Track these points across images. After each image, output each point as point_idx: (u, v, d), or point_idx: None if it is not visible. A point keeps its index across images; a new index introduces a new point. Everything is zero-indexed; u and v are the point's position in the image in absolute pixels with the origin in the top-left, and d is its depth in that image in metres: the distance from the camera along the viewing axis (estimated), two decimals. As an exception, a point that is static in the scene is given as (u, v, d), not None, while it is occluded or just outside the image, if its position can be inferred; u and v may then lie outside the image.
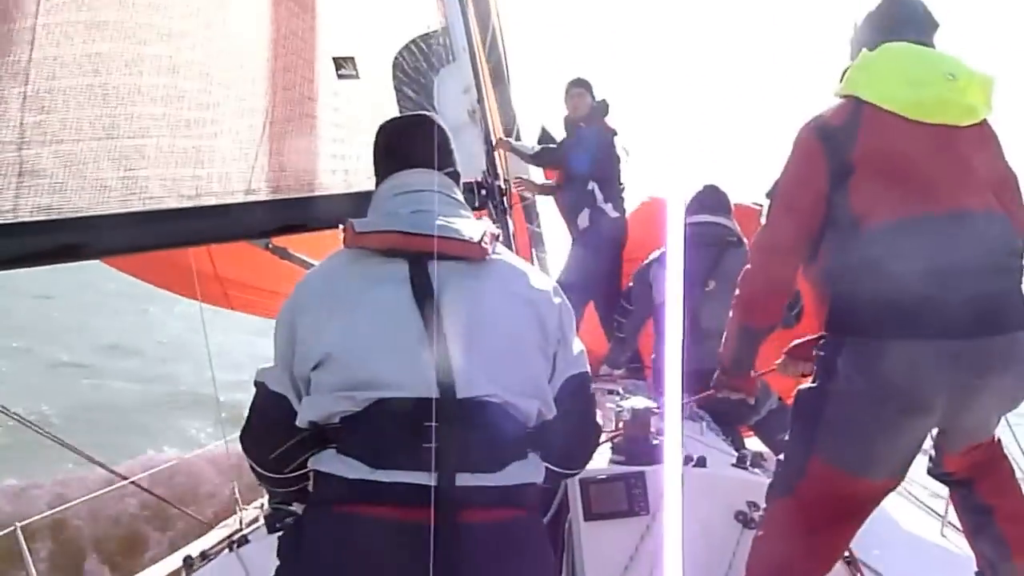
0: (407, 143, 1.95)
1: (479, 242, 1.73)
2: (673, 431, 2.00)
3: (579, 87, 5.75)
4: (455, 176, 1.98)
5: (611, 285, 5.52)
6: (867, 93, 2.24)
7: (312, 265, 3.49)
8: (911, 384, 2.10)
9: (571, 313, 1.87)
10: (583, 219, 5.62)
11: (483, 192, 3.89)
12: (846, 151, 2.20)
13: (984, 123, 2.32)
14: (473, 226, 1.78)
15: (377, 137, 2.03)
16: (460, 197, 1.93)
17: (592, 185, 5.56)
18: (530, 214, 6.71)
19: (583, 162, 5.62)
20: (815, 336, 2.40)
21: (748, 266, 2.46)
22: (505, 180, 4.26)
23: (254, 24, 3.03)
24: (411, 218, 1.76)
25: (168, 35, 2.69)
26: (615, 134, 5.71)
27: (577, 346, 1.86)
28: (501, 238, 3.71)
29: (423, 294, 1.64)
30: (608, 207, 5.59)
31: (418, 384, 1.58)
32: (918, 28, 2.37)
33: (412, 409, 1.56)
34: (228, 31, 2.92)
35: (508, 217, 4.07)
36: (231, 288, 5.18)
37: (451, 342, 1.60)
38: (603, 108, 5.72)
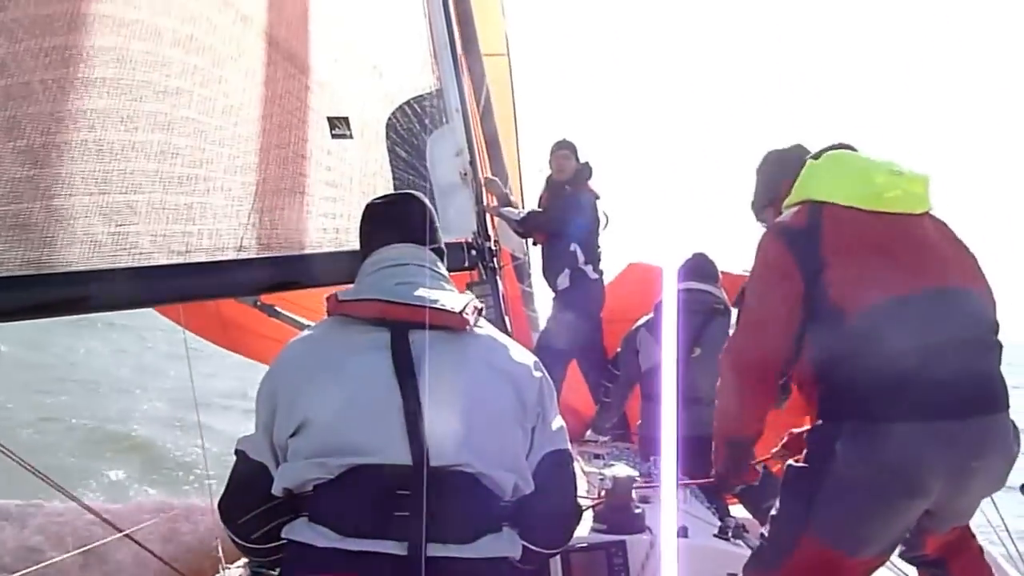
0: (393, 219, 2.02)
1: (460, 313, 1.75)
2: (668, 511, 1.98)
3: (564, 149, 5.86)
4: (439, 252, 2.03)
5: (592, 345, 5.57)
6: (822, 194, 2.34)
7: (299, 323, 3.49)
8: (911, 468, 2.10)
9: (552, 388, 1.87)
10: (563, 280, 5.70)
11: (473, 252, 3.91)
12: (814, 249, 2.26)
13: (931, 214, 2.40)
14: (456, 298, 1.82)
15: (365, 212, 2.11)
16: (444, 272, 1.97)
17: (574, 246, 5.65)
18: (521, 274, 6.74)
19: (566, 223, 5.70)
20: (812, 427, 2.41)
21: (721, 381, 2.49)
22: (496, 242, 4.28)
23: (250, 83, 3.08)
24: (395, 289, 1.79)
25: (164, 92, 2.73)
26: (597, 197, 5.82)
27: (557, 422, 1.85)
28: (491, 303, 3.76)
29: (403, 363, 1.65)
30: (588, 268, 5.68)
31: (392, 452, 1.58)
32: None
33: (385, 477, 1.57)
34: (224, 89, 2.96)
35: (498, 277, 4.08)
36: (228, 325, 5.05)
37: (428, 411, 1.60)
38: (587, 171, 5.84)
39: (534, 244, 6.00)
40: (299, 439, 1.65)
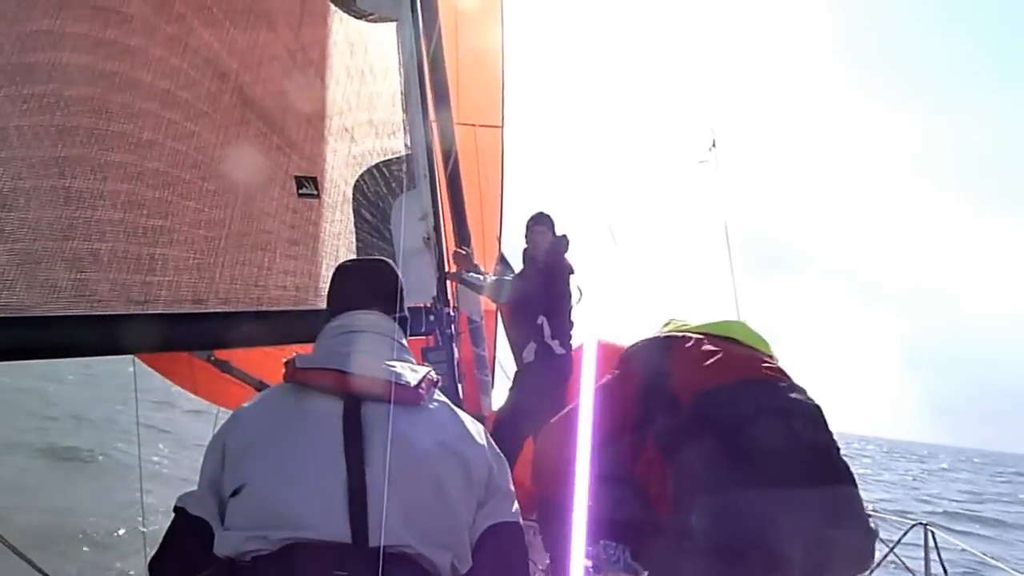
0: (364, 284, 2.01)
1: (416, 387, 1.76)
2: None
3: (540, 224, 5.87)
4: (403, 321, 2.01)
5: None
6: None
7: (253, 382, 3.52)
8: (767, 535, 2.16)
9: (504, 465, 1.87)
10: (529, 353, 5.64)
11: (431, 317, 3.99)
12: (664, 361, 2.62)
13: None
14: (413, 371, 1.81)
15: (336, 272, 2.09)
16: (404, 342, 1.97)
17: (542, 319, 5.61)
18: (476, 337, 6.80)
19: (535, 296, 5.68)
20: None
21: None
22: (455, 308, 4.38)
23: (221, 139, 3.17)
24: (352, 358, 1.78)
25: (137, 144, 2.81)
26: (572, 272, 5.83)
27: (506, 496, 1.84)
28: (445, 370, 3.83)
29: (353, 436, 1.65)
30: (555, 343, 5.61)
31: (332, 528, 1.57)
32: None
33: (323, 555, 1.55)
34: (196, 144, 3.05)
35: (454, 344, 4.16)
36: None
37: (373, 488, 1.59)
38: (563, 244, 5.84)
39: (502, 318, 6.00)
40: (239, 501, 1.64)
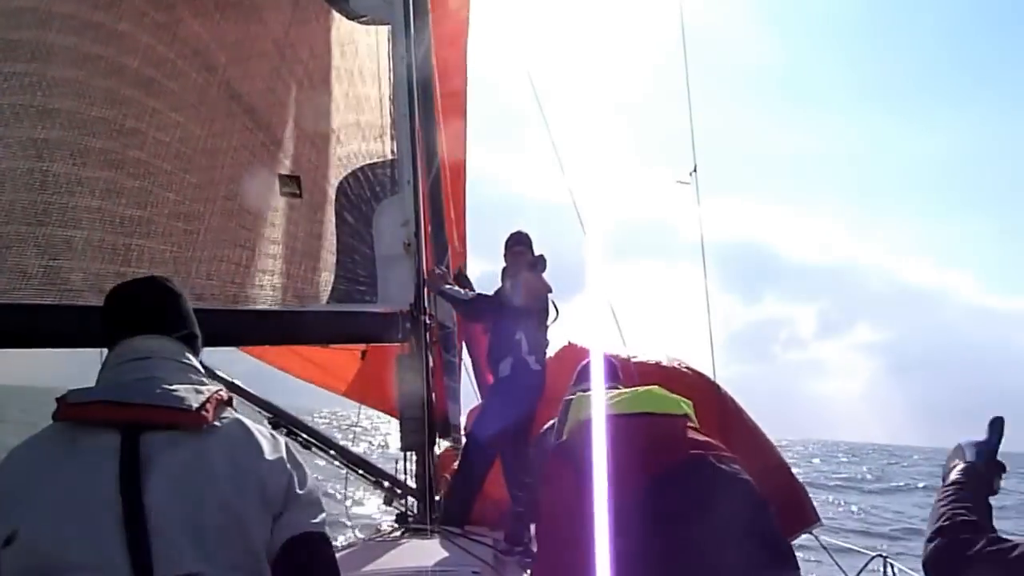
0: (137, 309, 1.84)
1: (198, 410, 1.65)
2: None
3: (518, 245, 5.94)
4: (189, 339, 1.86)
5: (522, 439, 5.51)
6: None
7: (225, 380, 3.46)
8: None
9: (304, 473, 1.74)
10: (505, 367, 5.65)
11: (408, 325, 3.95)
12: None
13: None
14: (197, 392, 1.69)
15: (106, 302, 1.89)
16: (193, 362, 1.82)
17: (520, 335, 5.65)
18: (447, 343, 6.76)
19: (514, 312, 5.72)
20: None
21: None
22: (431, 316, 4.34)
23: (206, 132, 3.12)
24: (132, 386, 1.68)
25: (119, 131, 2.76)
26: (550, 290, 5.89)
27: (307, 506, 1.73)
28: (419, 379, 3.78)
29: (129, 469, 1.55)
30: (531, 359, 5.65)
31: (110, 567, 1.47)
32: None
33: None
34: (180, 135, 3.00)
35: (429, 352, 4.13)
36: None
37: (156, 520, 1.52)
38: (541, 264, 5.91)
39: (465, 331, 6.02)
40: (10, 552, 1.52)
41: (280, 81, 3.47)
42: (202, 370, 1.78)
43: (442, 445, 5.26)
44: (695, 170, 4.93)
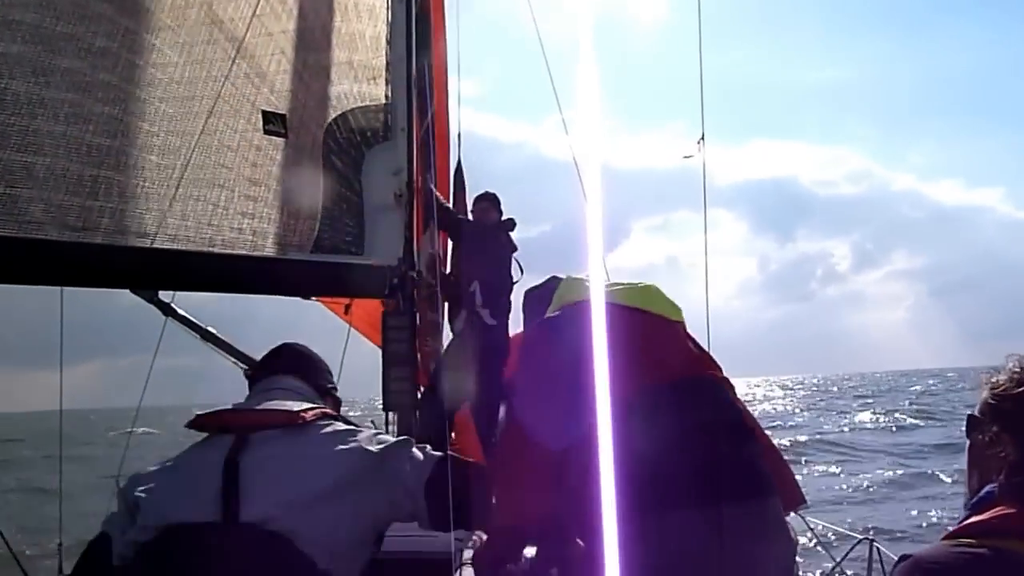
0: (277, 360, 2.26)
1: (298, 412, 1.96)
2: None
3: (484, 201, 5.94)
4: (321, 389, 2.23)
5: (487, 396, 5.36)
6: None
7: (198, 326, 3.32)
8: (689, 555, 2.09)
9: (398, 445, 1.99)
10: (459, 323, 5.62)
11: (395, 281, 3.79)
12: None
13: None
14: (300, 405, 2.01)
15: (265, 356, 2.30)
16: (308, 394, 2.16)
17: (475, 286, 5.58)
18: (432, 301, 6.61)
19: (471, 260, 5.66)
20: None
21: None
22: (418, 272, 4.18)
23: (185, 59, 2.94)
24: (250, 403, 2.08)
25: (87, 51, 2.57)
26: (514, 249, 5.83)
27: (411, 458, 1.99)
28: (404, 336, 3.66)
29: (235, 448, 1.86)
30: (485, 312, 5.57)
31: (203, 509, 1.78)
32: None
33: (194, 533, 1.76)
34: (155, 59, 2.82)
35: (415, 308, 3.98)
36: None
37: (245, 477, 1.81)
38: (509, 225, 5.91)
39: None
40: (136, 514, 1.86)
41: (268, 7, 3.28)
42: (317, 399, 2.16)
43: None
44: (703, 138, 4.84)
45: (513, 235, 5.96)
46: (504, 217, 6.00)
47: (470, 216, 5.96)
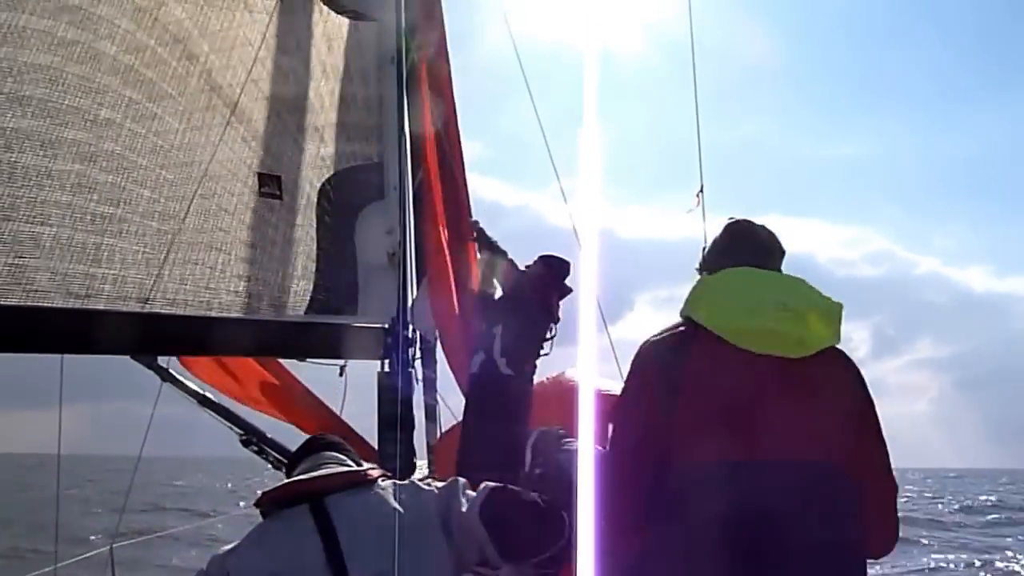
0: (316, 442, 2.44)
1: (363, 471, 2.14)
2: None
3: (554, 259, 5.83)
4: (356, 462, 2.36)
5: (502, 455, 5.28)
6: (702, 316, 2.29)
7: (195, 392, 3.40)
8: None
9: (455, 483, 2.16)
10: (475, 363, 5.47)
11: (388, 340, 3.89)
12: (675, 374, 2.24)
13: (830, 352, 2.33)
14: (359, 465, 2.23)
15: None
16: (348, 461, 2.31)
17: (497, 329, 5.46)
18: (427, 359, 6.60)
19: (502, 304, 5.57)
20: None
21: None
22: (414, 330, 4.28)
23: (185, 126, 3.06)
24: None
25: (93, 122, 2.69)
26: (557, 320, 5.70)
27: (463, 493, 2.13)
28: (395, 406, 3.76)
29: (321, 514, 2.01)
30: (502, 362, 5.42)
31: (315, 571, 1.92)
32: (760, 254, 2.50)
33: None
34: (157, 128, 2.94)
35: (412, 368, 4.07)
36: None
37: (345, 540, 1.96)
38: (565, 290, 5.79)
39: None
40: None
41: (264, 73, 3.42)
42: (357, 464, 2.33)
43: (422, 468, 5.15)
44: (702, 191, 4.74)
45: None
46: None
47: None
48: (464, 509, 2.09)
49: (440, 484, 2.16)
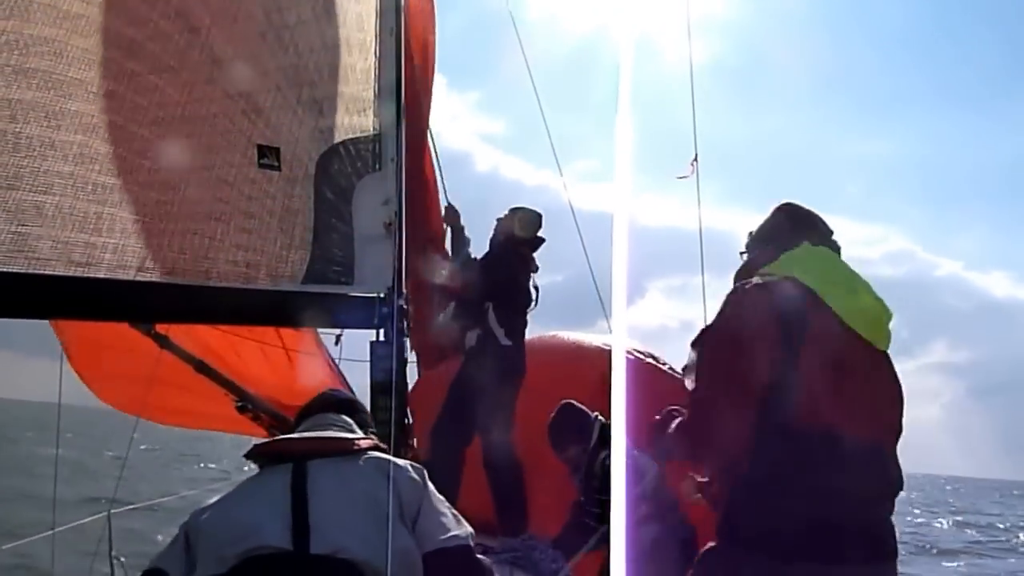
0: (325, 400, 2.63)
1: (350, 440, 2.24)
2: None
3: (522, 211, 5.87)
4: (364, 426, 2.52)
5: (499, 421, 5.40)
6: (809, 280, 2.36)
7: (192, 358, 3.51)
8: None
9: (439, 499, 2.22)
10: (471, 338, 5.55)
11: (384, 310, 4.00)
12: (799, 330, 2.30)
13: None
14: (351, 435, 2.32)
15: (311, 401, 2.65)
16: (352, 426, 2.45)
17: (487, 305, 5.55)
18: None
19: (484, 279, 5.64)
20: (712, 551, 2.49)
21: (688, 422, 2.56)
22: (408, 300, 4.39)
23: (185, 98, 3.16)
24: (303, 434, 2.36)
25: (96, 94, 2.79)
26: (534, 270, 5.82)
27: (439, 520, 2.15)
28: (388, 366, 3.87)
29: (299, 473, 2.09)
30: (500, 332, 5.51)
31: (276, 536, 1.96)
32: (827, 236, 2.63)
33: (269, 563, 1.92)
34: (158, 99, 3.04)
35: (406, 338, 4.18)
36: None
37: (314, 510, 2.00)
38: (535, 243, 5.86)
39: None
40: (201, 539, 2.06)
41: (265, 47, 3.51)
42: (358, 430, 2.45)
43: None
44: (696, 159, 4.74)
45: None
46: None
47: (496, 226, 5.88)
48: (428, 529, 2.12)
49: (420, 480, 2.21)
